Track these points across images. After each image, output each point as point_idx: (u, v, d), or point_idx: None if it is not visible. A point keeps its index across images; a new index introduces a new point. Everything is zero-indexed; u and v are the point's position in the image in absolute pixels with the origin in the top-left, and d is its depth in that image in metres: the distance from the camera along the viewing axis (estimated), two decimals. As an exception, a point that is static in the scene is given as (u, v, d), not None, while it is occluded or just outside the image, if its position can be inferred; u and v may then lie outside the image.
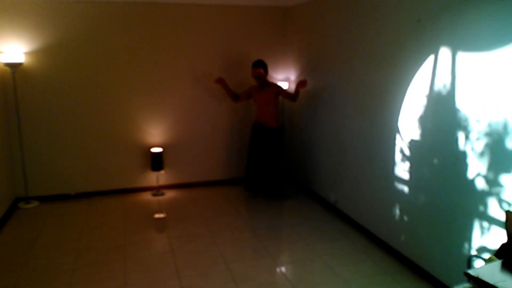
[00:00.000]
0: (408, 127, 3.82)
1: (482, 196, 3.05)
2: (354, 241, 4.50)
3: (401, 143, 3.93)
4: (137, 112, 5.87)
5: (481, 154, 3.03)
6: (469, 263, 2.94)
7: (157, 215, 5.18)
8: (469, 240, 3.19)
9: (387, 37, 4.03)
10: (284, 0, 5.86)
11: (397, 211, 4.03)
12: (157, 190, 6.07)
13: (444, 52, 3.31)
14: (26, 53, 5.28)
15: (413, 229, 3.84)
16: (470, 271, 2.07)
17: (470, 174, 3.14)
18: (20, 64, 5.18)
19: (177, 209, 5.45)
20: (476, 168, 3.08)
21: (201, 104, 6.18)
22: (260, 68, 5.54)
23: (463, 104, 3.17)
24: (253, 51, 6.25)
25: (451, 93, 3.27)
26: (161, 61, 5.87)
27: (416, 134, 3.71)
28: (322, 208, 5.45)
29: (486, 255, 2.95)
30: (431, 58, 3.45)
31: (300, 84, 5.43)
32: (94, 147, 5.79)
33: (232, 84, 6.14)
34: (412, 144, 3.78)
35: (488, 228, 3.02)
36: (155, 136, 6.01)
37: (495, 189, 2.94)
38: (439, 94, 3.40)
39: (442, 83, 3.36)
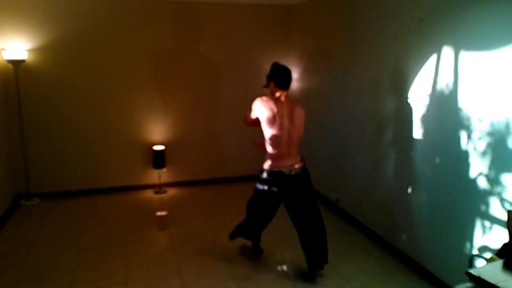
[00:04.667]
0: (410, 126, 3.81)
1: (484, 196, 3.05)
2: (356, 240, 4.49)
3: (404, 142, 3.92)
4: (139, 109, 5.87)
5: (483, 153, 3.03)
6: (470, 262, 2.94)
7: (158, 213, 5.17)
8: (470, 239, 3.18)
9: (389, 36, 4.02)
10: (286, -2, 5.87)
11: (399, 210, 4.02)
12: (159, 188, 6.07)
13: (447, 51, 3.30)
14: (28, 50, 5.28)
15: (415, 228, 3.84)
16: (472, 271, 2.07)
17: (472, 174, 3.13)
18: (22, 61, 5.19)
19: (179, 207, 5.45)
20: (478, 168, 3.08)
21: (204, 102, 6.17)
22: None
23: (465, 103, 3.16)
24: (255, 49, 6.25)
25: (454, 92, 3.26)
26: (163, 58, 5.87)
27: (418, 133, 3.71)
28: (324, 207, 5.43)
29: (488, 255, 2.95)
30: (434, 57, 3.44)
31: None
32: (96, 144, 5.79)
33: (233, 84, 6.16)
34: (414, 143, 3.77)
35: (490, 228, 3.02)
36: (157, 134, 6.01)
37: (497, 189, 2.93)
38: (441, 93, 3.39)
39: (444, 82, 3.35)
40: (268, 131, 3.60)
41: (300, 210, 3.67)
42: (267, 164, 3.66)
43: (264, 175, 3.67)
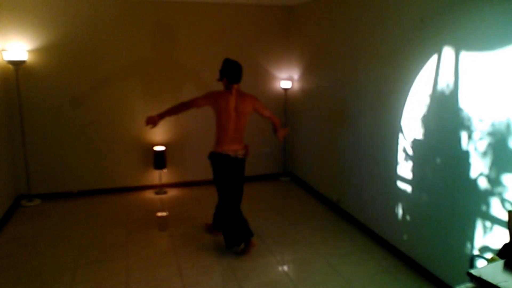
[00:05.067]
0: (411, 126, 3.81)
1: (484, 196, 3.05)
2: (357, 240, 4.50)
3: (404, 143, 3.92)
4: (140, 110, 5.87)
5: (484, 153, 3.03)
6: (471, 262, 2.93)
7: (159, 214, 5.18)
8: (471, 239, 3.18)
9: (390, 36, 4.02)
10: (287, -1, 5.87)
11: (400, 211, 4.03)
12: (159, 188, 6.08)
13: (447, 52, 3.30)
14: (29, 51, 5.29)
15: (415, 228, 3.84)
16: (473, 271, 2.06)
17: (473, 174, 3.13)
18: (23, 62, 5.19)
19: (180, 208, 5.46)
20: (479, 168, 3.08)
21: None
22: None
23: (466, 103, 3.16)
24: (257, 49, 6.25)
25: (454, 92, 3.26)
26: (164, 59, 5.87)
27: (419, 134, 3.71)
28: (325, 207, 5.44)
29: (489, 255, 2.94)
30: (434, 57, 3.44)
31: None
32: (97, 145, 5.80)
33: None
34: (415, 143, 3.77)
35: (491, 228, 3.02)
36: (158, 134, 6.01)
37: (498, 189, 2.94)
38: (442, 93, 3.39)
39: (445, 83, 3.35)
40: (218, 120, 4.17)
41: (235, 188, 4.25)
42: (215, 147, 4.20)
43: (213, 156, 4.23)
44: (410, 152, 3.85)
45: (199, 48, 6.01)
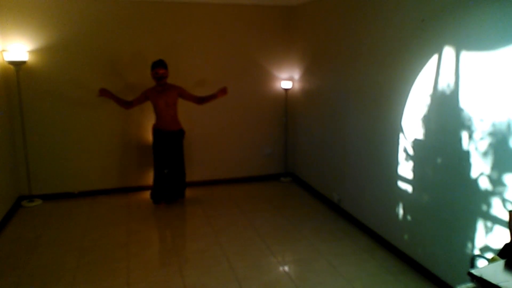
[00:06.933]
0: (411, 126, 3.81)
1: (485, 196, 3.04)
2: (358, 241, 4.49)
3: (405, 143, 3.92)
4: (141, 110, 5.87)
5: (485, 153, 3.03)
6: (472, 262, 2.93)
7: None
8: (472, 239, 3.18)
9: (391, 37, 4.03)
10: (288, -1, 5.87)
11: (401, 211, 4.03)
12: (160, 188, 6.07)
13: (448, 52, 3.30)
14: (30, 52, 5.30)
15: (416, 228, 3.84)
16: (473, 271, 2.06)
17: (474, 174, 3.13)
18: (24, 62, 5.20)
19: (180, 208, 5.46)
20: (480, 168, 3.08)
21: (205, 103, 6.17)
22: (164, 68, 5.28)
23: (466, 103, 3.16)
24: (258, 50, 6.26)
25: (455, 92, 3.26)
26: (165, 60, 5.87)
27: (419, 134, 3.71)
28: (326, 208, 5.44)
29: (489, 255, 2.94)
30: (435, 57, 3.44)
31: (221, 92, 5.43)
32: (98, 145, 5.80)
33: (235, 85, 6.15)
34: (416, 143, 3.77)
35: (492, 228, 3.02)
36: (158, 135, 6.01)
37: (499, 189, 2.93)
38: (442, 93, 3.39)
39: (446, 83, 3.35)
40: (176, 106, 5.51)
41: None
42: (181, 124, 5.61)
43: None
44: (410, 152, 3.85)
45: (200, 49, 6.01)
